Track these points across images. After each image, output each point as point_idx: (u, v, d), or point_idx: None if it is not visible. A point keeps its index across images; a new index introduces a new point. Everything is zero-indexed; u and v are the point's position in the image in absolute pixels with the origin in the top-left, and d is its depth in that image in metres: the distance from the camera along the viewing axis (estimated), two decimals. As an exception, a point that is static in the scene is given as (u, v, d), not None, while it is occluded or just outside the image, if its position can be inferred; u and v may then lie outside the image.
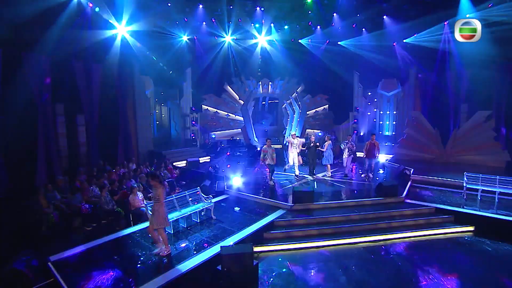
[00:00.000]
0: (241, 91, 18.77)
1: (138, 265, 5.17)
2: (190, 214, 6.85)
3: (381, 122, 18.01)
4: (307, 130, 18.08)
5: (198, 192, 7.24)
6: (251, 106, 18.00)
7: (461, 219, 7.35)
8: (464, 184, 8.53)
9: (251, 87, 19.30)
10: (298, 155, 10.09)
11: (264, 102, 20.23)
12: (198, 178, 10.66)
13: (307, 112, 19.30)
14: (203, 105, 18.20)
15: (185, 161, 12.92)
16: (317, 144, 10.72)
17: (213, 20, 15.43)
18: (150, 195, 7.71)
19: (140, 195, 7.50)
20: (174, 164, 12.49)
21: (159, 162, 10.66)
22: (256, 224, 6.73)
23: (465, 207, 7.76)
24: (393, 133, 17.39)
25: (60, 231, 6.54)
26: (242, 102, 17.86)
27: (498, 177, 8.28)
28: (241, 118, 17.53)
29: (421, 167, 11.50)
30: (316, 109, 19.43)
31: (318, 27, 17.14)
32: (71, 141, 10.28)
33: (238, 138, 17.47)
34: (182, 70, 15.81)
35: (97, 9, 10.78)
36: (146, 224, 6.20)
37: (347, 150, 10.21)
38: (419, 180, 9.94)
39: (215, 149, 14.20)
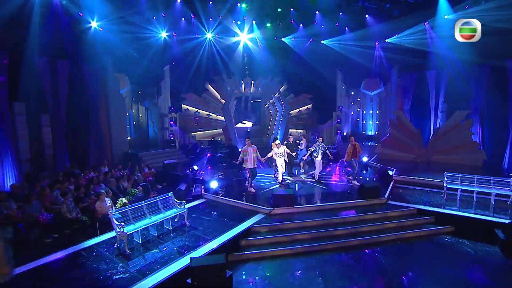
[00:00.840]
0: (223, 90, 18.38)
1: (98, 282, 4.73)
2: (162, 221, 6.46)
3: (364, 122, 18.14)
4: (290, 130, 17.91)
5: (170, 197, 6.85)
6: (233, 105, 17.66)
7: (441, 219, 7.35)
8: (445, 184, 8.58)
9: (233, 86, 18.95)
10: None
11: (249, 102, 19.92)
12: (175, 181, 10.22)
13: (290, 112, 19.16)
14: (183, 105, 17.68)
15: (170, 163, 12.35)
16: (297, 141, 10.52)
17: (192, 16, 14.97)
18: None
19: (108, 201, 7.01)
20: (150, 166, 11.94)
21: (133, 165, 10.12)
22: (233, 230, 6.42)
23: (445, 207, 7.78)
24: (376, 132, 17.55)
25: (14, 245, 5.95)
26: (224, 102, 17.48)
27: (476, 176, 8.38)
28: (223, 118, 17.15)
29: (403, 166, 11.57)
30: (300, 109, 19.33)
31: (301, 25, 17.03)
32: (34, 143, 9.57)
33: (219, 139, 17.07)
34: (160, 68, 15.22)
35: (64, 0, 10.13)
36: (114, 233, 5.77)
37: (319, 153, 9.68)
38: (402, 181, 9.95)
39: (195, 150, 13.76)
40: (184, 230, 6.49)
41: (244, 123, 19.93)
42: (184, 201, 6.88)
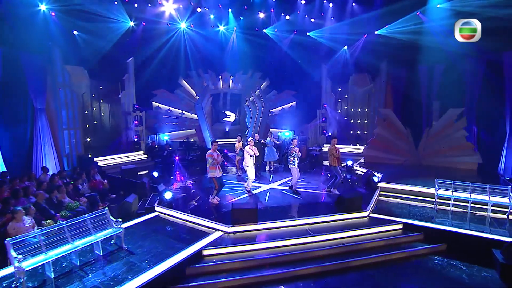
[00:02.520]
0: (198, 87, 17.29)
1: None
2: (93, 244, 5.41)
3: (352, 121, 17.33)
4: (271, 129, 16.96)
5: (105, 214, 5.79)
6: (207, 103, 16.61)
7: (432, 236, 6.51)
8: (436, 193, 7.77)
9: (209, 82, 17.90)
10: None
11: (227, 100, 18.85)
12: (132, 190, 9.14)
13: (272, 110, 18.28)
14: (153, 102, 16.53)
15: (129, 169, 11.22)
16: (262, 141, 10.02)
17: (160, 2, 13.83)
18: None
19: (27, 220, 5.89)
20: (106, 173, 10.83)
21: (79, 172, 8.97)
22: (178, 255, 5.41)
23: (436, 221, 6.96)
24: (365, 132, 16.77)
25: None
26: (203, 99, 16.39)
27: (470, 184, 7.59)
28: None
29: (391, 171, 10.75)
30: (283, 107, 18.41)
31: (282, 14, 16.10)
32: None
33: (192, 140, 16.00)
34: (124, 61, 14.03)
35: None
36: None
37: (296, 158, 8.63)
38: (388, 189, 9.11)
39: (162, 153, 12.65)
40: (119, 255, 5.44)
41: (229, 117, 18.80)
42: (121, 219, 5.81)
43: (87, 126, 13.74)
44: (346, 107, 17.41)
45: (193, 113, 16.81)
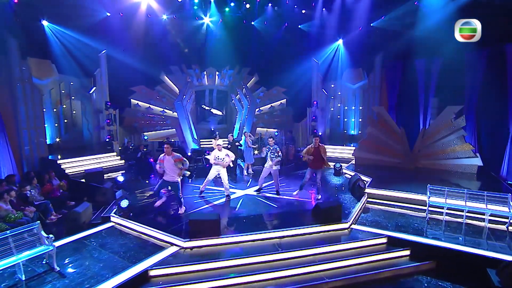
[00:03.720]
0: (181, 83, 16.60)
1: None
2: (16, 268, 4.73)
3: (345, 119, 16.65)
4: (257, 128, 16.29)
5: (35, 229, 5.11)
6: (189, 100, 15.91)
7: (420, 252, 5.83)
8: (427, 201, 7.09)
9: (193, 78, 17.22)
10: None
11: (210, 97, 18.17)
12: (97, 196, 8.49)
13: (261, 108, 17.59)
14: (132, 99, 15.83)
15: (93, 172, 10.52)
16: (237, 143, 9.76)
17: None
18: None
19: None
20: (69, 177, 10.14)
21: (30, 177, 8.25)
22: (116, 278, 4.73)
23: (426, 234, 6.29)
24: (359, 132, 16.09)
25: None
26: (184, 96, 15.68)
27: (466, 190, 6.92)
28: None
29: (382, 175, 10.11)
30: (272, 104, 17.71)
31: (270, 5, 15.42)
32: None
33: (173, 140, 15.31)
34: (95, 54, 13.33)
35: None
36: None
37: (272, 159, 8.13)
38: (376, 195, 8.43)
39: (136, 154, 11.96)
40: (45, 279, 4.75)
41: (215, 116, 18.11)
42: (52, 236, 5.14)
43: (56, 125, 13.05)
44: (339, 104, 16.71)
45: (175, 111, 16.12)
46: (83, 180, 9.83)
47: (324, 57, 16.57)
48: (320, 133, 15.60)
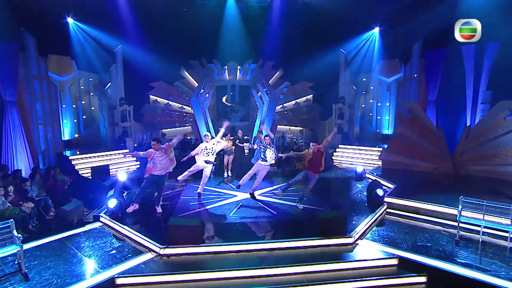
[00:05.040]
0: (201, 78, 16.53)
1: None
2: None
3: (378, 117, 15.33)
4: (278, 126, 15.65)
5: (8, 228, 5.12)
6: (207, 96, 15.76)
7: (440, 281, 4.89)
8: (458, 215, 6.00)
9: (214, 72, 17.07)
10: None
11: (232, 93, 17.92)
12: (103, 192, 8.64)
13: (285, 104, 16.94)
14: (151, 95, 16.14)
15: (100, 168, 10.80)
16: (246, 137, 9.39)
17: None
18: None
19: None
20: (78, 173, 10.50)
21: (33, 173, 8.56)
22: (79, 284, 4.55)
23: (451, 257, 5.27)
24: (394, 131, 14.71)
25: None
26: (202, 91, 15.61)
27: (512, 206, 5.71)
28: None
29: (412, 182, 8.97)
30: (297, 100, 16.94)
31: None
32: None
33: (189, 137, 15.30)
34: (111, 49, 13.75)
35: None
36: None
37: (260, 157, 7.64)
38: (397, 205, 7.41)
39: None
40: (7, 282, 4.70)
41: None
42: (20, 235, 5.10)
43: (75, 121, 13.69)
44: (371, 100, 15.44)
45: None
46: (90, 177, 10.07)
47: (354, 47, 15.43)
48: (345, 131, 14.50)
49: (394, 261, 5.25)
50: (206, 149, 7.67)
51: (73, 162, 11.02)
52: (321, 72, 16.02)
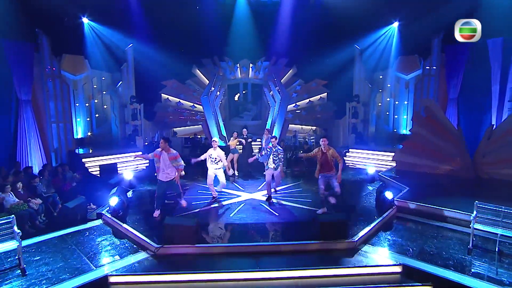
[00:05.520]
0: (213, 76, 16.61)
1: None
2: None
3: (396, 116, 14.82)
4: (290, 125, 15.46)
5: (10, 223, 5.32)
6: (219, 94, 15.81)
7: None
8: (472, 223, 5.65)
9: (226, 70, 17.08)
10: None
11: (245, 91, 17.90)
12: (105, 190, 8.86)
13: (298, 103, 16.71)
14: (163, 94, 16.38)
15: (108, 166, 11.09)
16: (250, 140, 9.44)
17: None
18: None
19: None
20: (88, 170, 10.83)
21: (41, 170, 8.90)
22: (70, 281, 4.65)
23: (463, 267, 4.97)
24: (413, 131, 14.15)
25: None
26: (212, 90, 15.70)
27: (534, 213, 5.32)
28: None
29: (426, 185, 8.58)
30: (311, 99, 16.66)
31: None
32: None
33: (199, 136, 15.41)
34: (122, 47, 14.06)
35: None
36: None
37: (275, 161, 7.45)
38: (407, 209, 7.11)
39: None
40: (6, 276, 4.87)
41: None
42: (19, 231, 5.27)
43: (88, 119, 14.12)
44: (388, 99, 14.95)
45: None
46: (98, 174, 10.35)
47: (372, 43, 14.96)
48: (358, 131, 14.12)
49: (398, 269, 5.02)
50: (211, 156, 7.70)
51: (83, 160, 11.33)
52: (336, 69, 15.66)
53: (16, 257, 5.29)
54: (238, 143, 10.52)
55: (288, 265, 5.08)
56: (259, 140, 13.20)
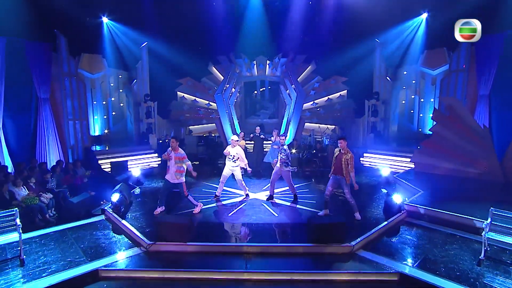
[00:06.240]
0: (227, 73, 16.77)
1: None
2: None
3: (421, 115, 14.17)
4: (306, 124, 15.24)
5: (14, 216, 5.72)
6: (234, 92, 15.93)
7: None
8: (484, 231, 5.30)
9: (242, 68, 17.19)
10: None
11: (263, 88, 17.94)
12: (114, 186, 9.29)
13: (316, 101, 16.46)
14: (178, 92, 16.80)
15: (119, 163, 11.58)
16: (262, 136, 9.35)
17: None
18: None
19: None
20: (100, 167, 11.36)
21: (54, 166, 9.47)
22: (62, 274, 4.92)
23: (472, 279, 4.67)
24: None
25: None
26: (226, 87, 15.88)
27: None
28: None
29: (444, 191, 8.14)
30: (329, 96, 16.35)
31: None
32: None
33: (213, 135, 15.63)
34: (137, 46, 14.59)
35: None
36: None
37: (282, 159, 7.45)
38: (419, 214, 6.79)
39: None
40: (6, 266, 5.25)
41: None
42: (20, 224, 5.63)
43: (105, 117, 14.79)
44: (413, 96, 14.33)
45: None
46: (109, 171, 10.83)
47: (396, 36, 14.40)
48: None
49: (394, 277, 4.82)
50: (230, 154, 7.80)
51: (97, 157, 11.91)
52: (357, 65, 15.28)
53: (18, 248, 5.69)
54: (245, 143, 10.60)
55: (277, 268, 5.05)
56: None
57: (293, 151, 12.38)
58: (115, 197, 7.25)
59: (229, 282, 4.95)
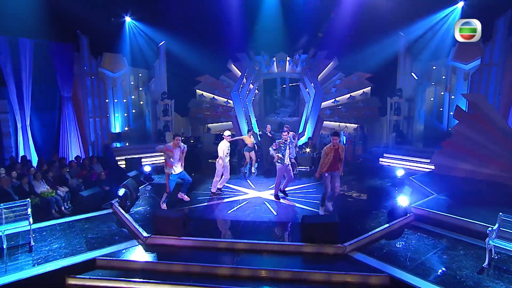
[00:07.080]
0: (248, 71, 17.03)
1: None
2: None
3: (451, 113, 13.54)
4: (324, 122, 15.11)
5: (26, 206, 6.37)
6: (251, 90, 16.16)
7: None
8: (489, 237, 5.11)
9: (262, 65, 17.38)
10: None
11: (284, 85, 18.05)
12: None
13: (338, 99, 16.27)
14: (197, 90, 17.36)
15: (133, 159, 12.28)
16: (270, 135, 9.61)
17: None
18: None
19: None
20: (117, 163, 12.13)
21: (72, 161, 10.28)
22: (64, 260, 5.45)
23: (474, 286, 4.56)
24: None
25: None
26: (244, 84, 16.15)
27: None
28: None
29: (464, 195, 7.84)
30: (352, 94, 16.09)
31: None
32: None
33: (232, 133, 15.95)
34: (155, 44, 15.29)
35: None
36: None
37: (285, 155, 7.62)
38: (426, 218, 6.63)
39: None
40: (15, 251, 5.88)
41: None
42: (30, 214, 6.25)
43: (125, 115, 15.67)
44: (442, 93, 13.74)
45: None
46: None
47: (425, 29, 13.87)
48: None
49: (383, 280, 4.81)
50: (228, 149, 8.17)
51: (115, 153, 12.71)
52: (382, 61, 14.88)
53: (29, 236, 6.34)
54: (254, 141, 10.82)
55: (267, 265, 5.22)
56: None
57: (307, 150, 12.42)
58: (121, 191, 7.78)
59: (217, 277, 5.19)
